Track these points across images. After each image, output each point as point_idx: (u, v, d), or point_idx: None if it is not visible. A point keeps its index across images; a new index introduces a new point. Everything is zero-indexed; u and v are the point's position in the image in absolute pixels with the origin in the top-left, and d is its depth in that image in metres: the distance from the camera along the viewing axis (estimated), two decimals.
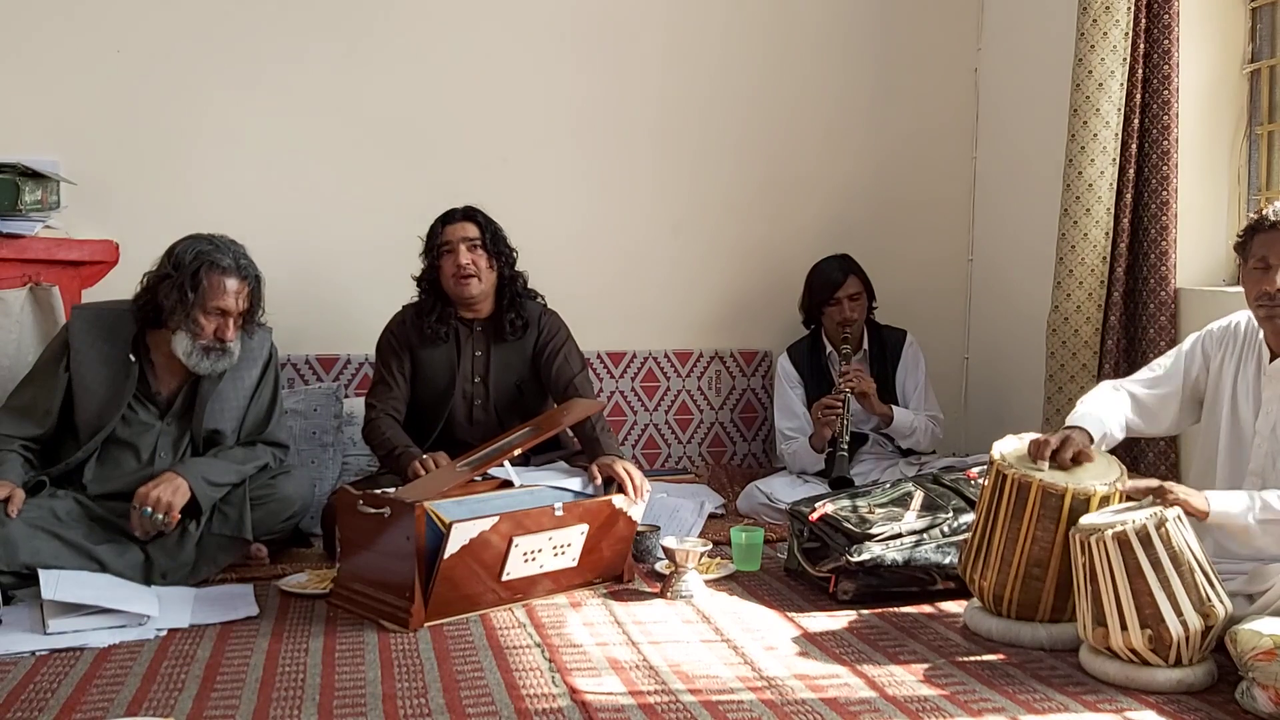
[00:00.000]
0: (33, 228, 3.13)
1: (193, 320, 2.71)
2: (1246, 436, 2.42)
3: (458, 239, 3.06)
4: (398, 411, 3.07)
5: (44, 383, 2.76)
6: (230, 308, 2.74)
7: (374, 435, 3.03)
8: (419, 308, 3.14)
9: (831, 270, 3.61)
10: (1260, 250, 2.33)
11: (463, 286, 3.05)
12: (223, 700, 2.06)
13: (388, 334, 3.16)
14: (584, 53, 3.88)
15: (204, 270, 2.72)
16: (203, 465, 2.77)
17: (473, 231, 3.08)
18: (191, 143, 3.56)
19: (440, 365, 3.12)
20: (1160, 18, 3.15)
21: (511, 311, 3.12)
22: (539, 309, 3.19)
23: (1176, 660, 2.12)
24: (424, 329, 3.10)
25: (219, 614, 2.51)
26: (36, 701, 2.05)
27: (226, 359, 2.79)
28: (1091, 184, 3.24)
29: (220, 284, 2.73)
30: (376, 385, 3.12)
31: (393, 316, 3.20)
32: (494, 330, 3.14)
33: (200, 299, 2.71)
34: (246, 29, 3.58)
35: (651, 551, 2.95)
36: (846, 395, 3.37)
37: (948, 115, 4.19)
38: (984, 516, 2.44)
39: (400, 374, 3.10)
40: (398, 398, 3.09)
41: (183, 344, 2.74)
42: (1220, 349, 2.51)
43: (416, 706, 2.03)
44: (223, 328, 2.74)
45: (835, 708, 2.04)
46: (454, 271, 3.05)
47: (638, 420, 3.99)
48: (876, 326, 3.69)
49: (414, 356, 3.12)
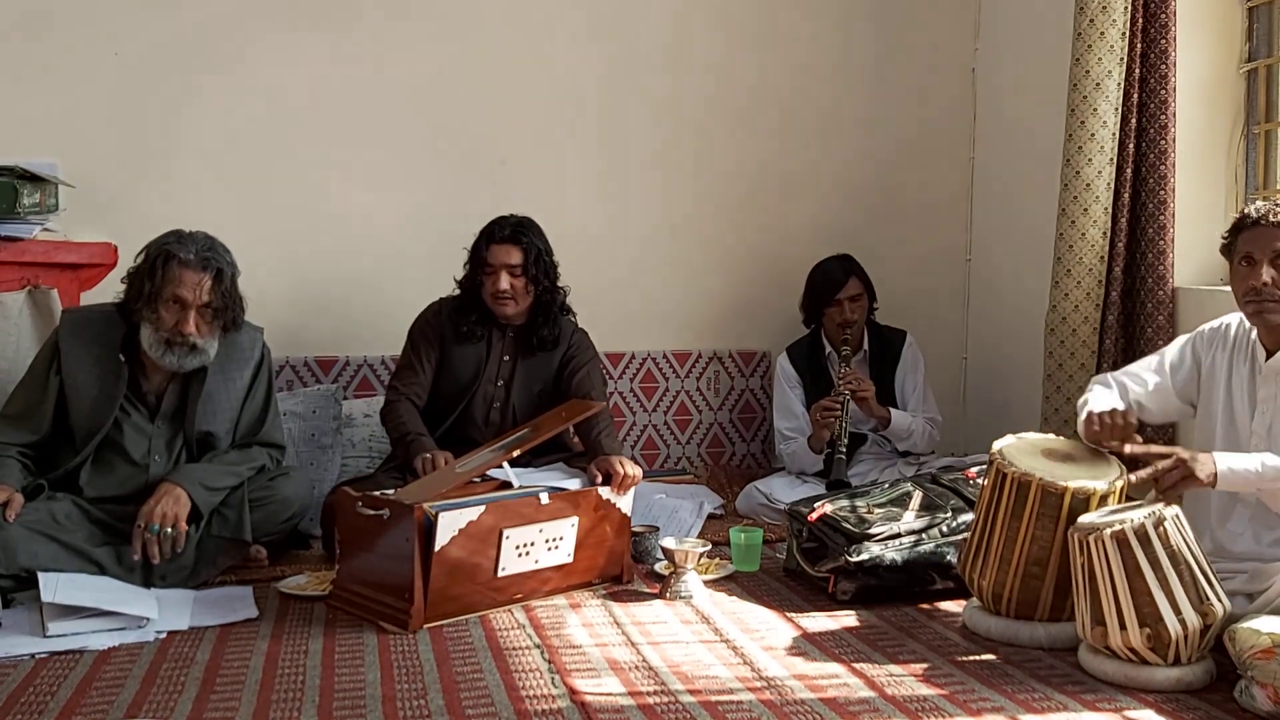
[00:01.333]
0: (31, 230, 3.13)
1: (153, 311, 2.71)
2: (1243, 437, 2.42)
3: (500, 264, 3.07)
4: (419, 398, 3.11)
5: (36, 388, 2.76)
6: (187, 299, 2.70)
7: (390, 417, 3.07)
8: (457, 305, 3.16)
9: (833, 271, 3.61)
10: (1245, 247, 2.35)
11: (500, 307, 3.09)
12: (222, 702, 2.06)
13: (421, 321, 3.19)
14: (583, 53, 3.88)
15: (162, 261, 2.71)
16: (199, 471, 2.76)
17: (516, 258, 3.07)
18: (189, 145, 3.56)
19: (468, 363, 3.15)
20: (1157, 17, 3.15)
21: (545, 327, 3.14)
22: (571, 326, 3.23)
23: (1175, 659, 2.13)
24: (459, 326, 3.13)
25: (218, 616, 2.51)
26: (36, 704, 2.05)
27: (196, 356, 2.76)
28: (1089, 184, 3.24)
29: (177, 274, 2.70)
30: (402, 369, 3.16)
31: (428, 305, 3.22)
32: (525, 340, 3.17)
33: (157, 289, 2.70)
34: (244, 32, 3.58)
35: (650, 552, 2.96)
36: (845, 398, 3.38)
37: (945, 115, 4.19)
38: (983, 515, 2.44)
39: (427, 362, 3.13)
40: (421, 384, 3.12)
41: (146, 336, 2.73)
42: (1211, 350, 2.51)
43: (416, 708, 2.03)
44: (182, 320, 2.70)
45: (835, 708, 2.04)
46: (493, 293, 3.08)
47: (636, 421, 3.99)
48: (877, 327, 3.69)
49: (444, 349, 3.15)
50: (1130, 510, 2.23)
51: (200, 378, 2.82)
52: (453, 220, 3.68)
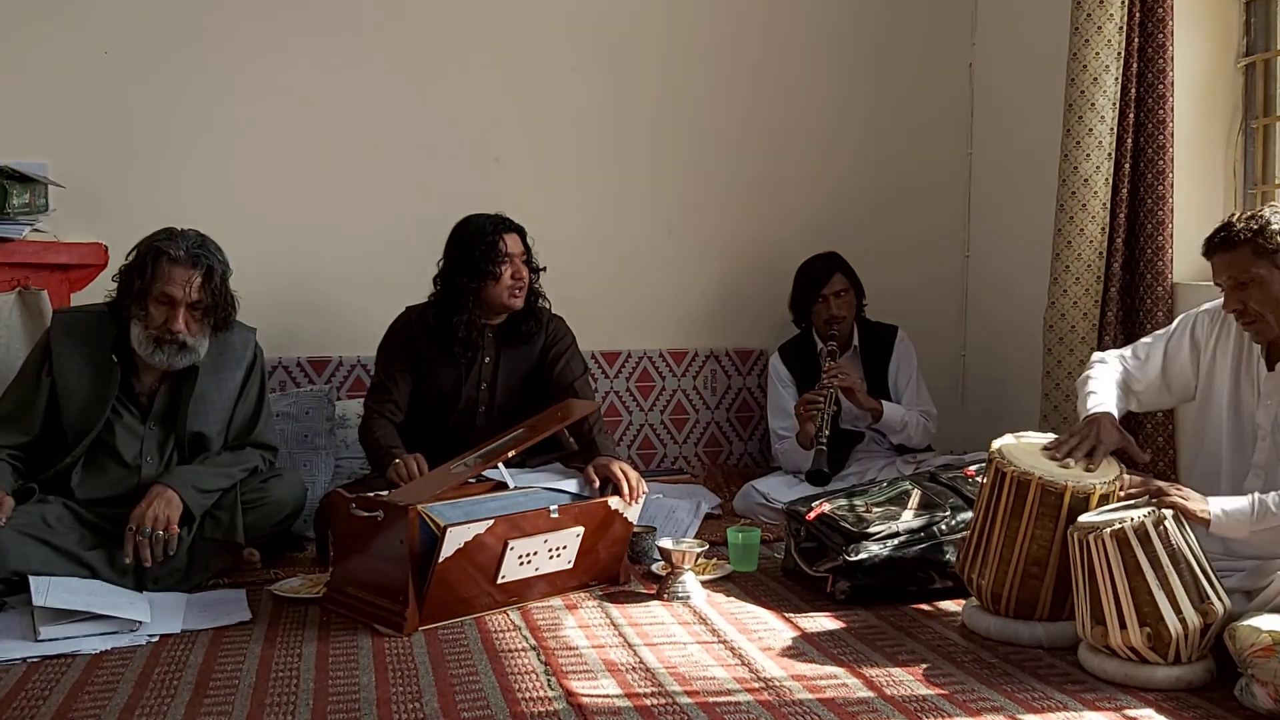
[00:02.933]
0: (20, 231, 3.11)
1: (142, 308, 2.70)
2: (1248, 430, 2.41)
3: (516, 254, 3.05)
4: (394, 414, 3.04)
5: (28, 389, 2.74)
6: (177, 296, 2.69)
7: (365, 435, 3.02)
8: (442, 311, 3.06)
9: (816, 267, 3.61)
10: (1218, 270, 2.37)
11: (515, 299, 3.06)
12: (215, 706, 2.05)
13: (392, 335, 3.12)
14: (578, 52, 3.87)
15: (151, 257, 2.70)
16: (191, 474, 2.75)
17: (521, 246, 3.09)
18: (180, 145, 3.54)
19: (448, 369, 3.08)
20: (1154, 12, 3.14)
21: (530, 318, 3.11)
22: (547, 314, 3.19)
23: (1175, 658, 2.11)
24: (441, 331, 3.05)
25: (211, 619, 2.49)
26: (28, 709, 2.04)
27: (186, 355, 2.74)
28: (1087, 179, 3.23)
29: (167, 271, 2.69)
30: (376, 388, 3.09)
31: (396, 317, 3.14)
32: (506, 335, 3.13)
33: (147, 286, 2.69)
34: (235, 30, 3.57)
35: (648, 553, 2.94)
36: (830, 391, 3.36)
37: (943, 111, 4.18)
38: (982, 514, 2.43)
39: (402, 378, 3.06)
40: (396, 402, 3.05)
41: (136, 334, 2.72)
42: (1213, 334, 2.50)
43: (411, 711, 2.01)
44: (171, 317, 2.69)
45: (833, 708, 2.03)
46: (512, 283, 3.04)
47: (633, 420, 3.98)
48: (867, 323, 3.68)
49: (419, 359, 3.08)
50: (1130, 509, 2.21)
51: (192, 378, 2.80)
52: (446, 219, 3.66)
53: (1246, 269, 2.30)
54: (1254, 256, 2.29)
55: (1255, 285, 2.30)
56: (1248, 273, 2.30)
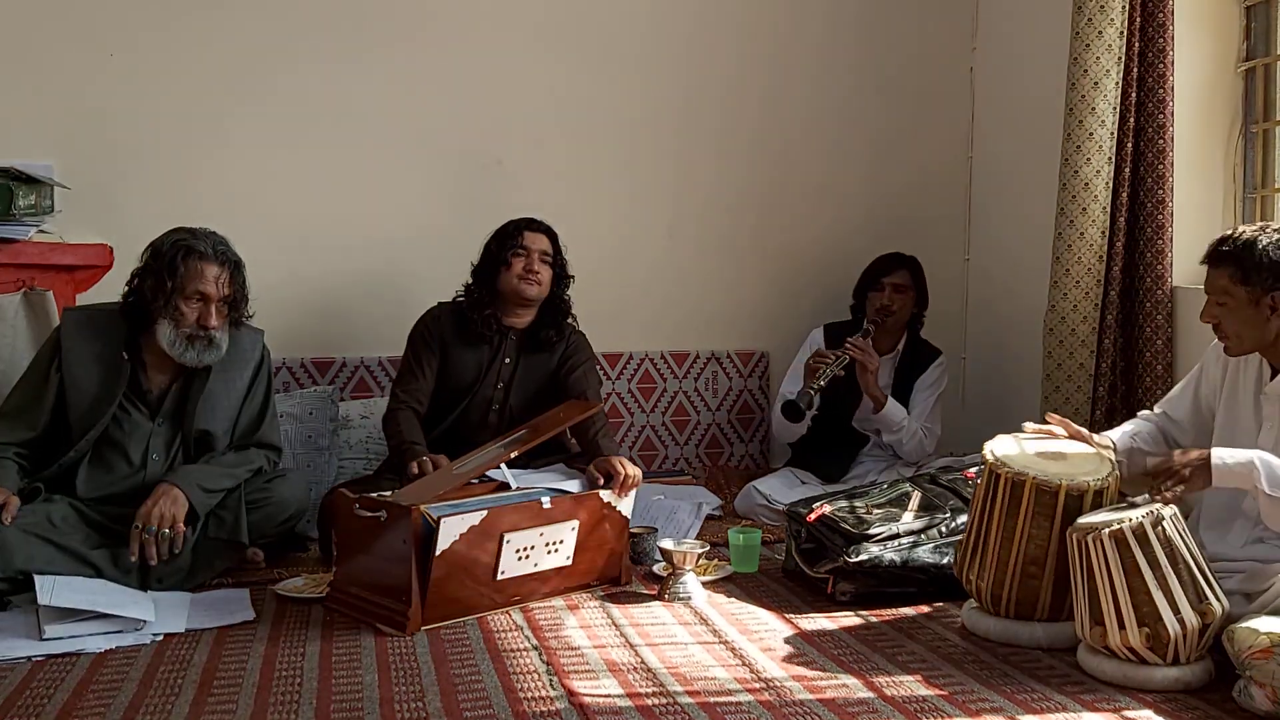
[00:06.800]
0: (26, 232, 3.12)
1: (174, 308, 2.72)
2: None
3: (535, 248, 3.15)
4: (420, 404, 3.11)
5: (36, 385, 2.76)
6: (210, 293, 2.73)
7: (389, 425, 3.08)
8: (468, 303, 3.17)
9: (889, 257, 3.67)
10: (1206, 280, 2.39)
11: (526, 285, 3.12)
12: (219, 705, 2.06)
13: (421, 326, 3.20)
14: (581, 54, 3.87)
15: (181, 257, 2.72)
16: (196, 473, 2.76)
17: (548, 246, 3.19)
18: (185, 146, 3.55)
19: (470, 366, 3.15)
20: (1155, 16, 3.15)
21: (551, 326, 3.18)
22: (570, 327, 3.26)
23: (1174, 659, 2.12)
24: (466, 326, 3.14)
25: (215, 619, 2.50)
26: (32, 707, 2.05)
27: (213, 351, 2.77)
28: (1087, 183, 3.23)
29: (198, 269, 2.73)
30: (403, 375, 3.17)
31: (427, 311, 3.22)
32: (528, 341, 3.18)
33: (180, 285, 2.71)
34: (240, 32, 3.58)
35: (649, 553, 2.95)
36: (844, 356, 3.36)
37: (943, 115, 4.19)
38: (978, 516, 2.44)
39: (429, 367, 3.14)
40: (422, 390, 3.12)
41: (166, 334, 2.73)
42: (1219, 363, 2.50)
43: (414, 710, 2.02)
44: (205, 314, 2.73)
45: (833, 709, 2.04)
46: (522, 270, 3.11)
47: (634, 422, 3.99)
48: (917, 337, 3.70)
49: (445, 353, 3.15)
50: (1128, 510, 2.22)
51: (203, 376, 2.82)
52: (450, 221, 3.69)
53: (1224, 288, 2.32)
54: (1232, 277, 2.31)
55: (1229, 305, 2.33)
56: (1225, 291, 2.33)
